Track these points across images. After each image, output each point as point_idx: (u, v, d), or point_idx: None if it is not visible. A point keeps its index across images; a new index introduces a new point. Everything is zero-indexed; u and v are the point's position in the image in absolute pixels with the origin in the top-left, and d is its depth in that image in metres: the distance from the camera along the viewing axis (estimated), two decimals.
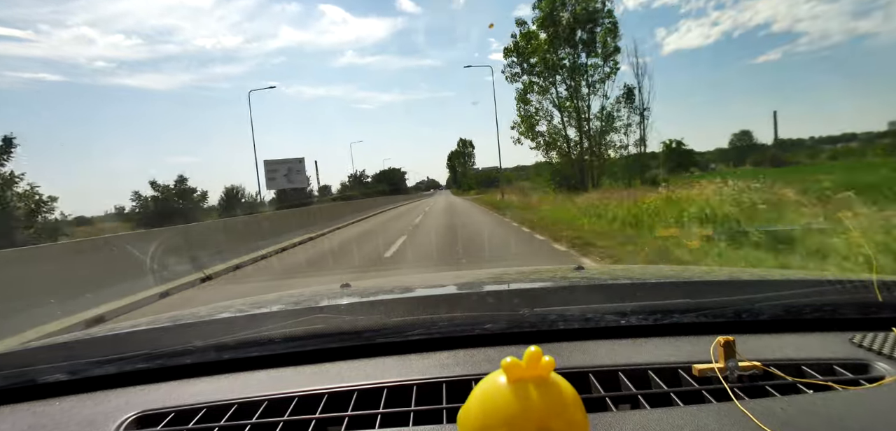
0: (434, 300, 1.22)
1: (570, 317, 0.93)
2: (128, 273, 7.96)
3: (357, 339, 0.91)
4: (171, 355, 0.90)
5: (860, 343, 0.83)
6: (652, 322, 0.92)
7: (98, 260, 8.02)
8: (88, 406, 0.79)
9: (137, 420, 0.74)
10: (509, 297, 1.23)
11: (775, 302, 0.95)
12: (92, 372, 0.87)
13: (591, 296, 1.18)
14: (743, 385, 0.72)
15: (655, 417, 0.64)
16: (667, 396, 0.71)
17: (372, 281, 4.22)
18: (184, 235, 11.32)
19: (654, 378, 0.75)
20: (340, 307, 1.17)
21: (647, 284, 1.30)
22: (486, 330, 0.91)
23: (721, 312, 0.93)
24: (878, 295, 0.92)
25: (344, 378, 0.81)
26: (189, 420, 0.73)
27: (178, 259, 9.15)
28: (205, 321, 1.12)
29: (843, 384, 0.70)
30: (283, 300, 1.35)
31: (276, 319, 1.08)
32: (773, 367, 0.74)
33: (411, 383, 0.77)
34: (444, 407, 0.71)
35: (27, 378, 0.87)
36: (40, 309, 6.10)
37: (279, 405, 0.75)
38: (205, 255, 9.82)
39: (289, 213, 20.63)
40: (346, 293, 1.41)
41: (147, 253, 8.56)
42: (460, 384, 0.77)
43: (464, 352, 0.87)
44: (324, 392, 0.76)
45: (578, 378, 0.76)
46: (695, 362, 0.75)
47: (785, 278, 1.31)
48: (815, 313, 0.93)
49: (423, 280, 2.37)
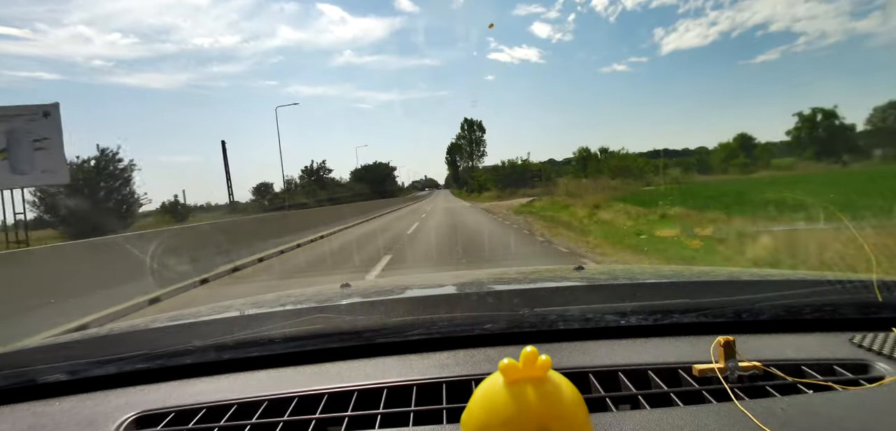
0: (434, 300, 1.22)
1: (570, 317, 0.93)
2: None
3: (357, 339, 0.91)
4: (170, 355, 0.90)
5: (860, 343, 0.83)
6: (652, 322, 0.92)
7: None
8: (88, 406, 0.79)
9: (137, 420, 0.74)
10: (509, 297, 1.23)
11: (775, 302, 0.95)
12: (92, 372, 0.87)
13: (591, 296, 1.18)
14: (743, 385, 0.72)
15: (655, 417, 0.64)
16: (667, 396, 0.71)
17: (372, 282, 4.22)
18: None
19: (654, 379, 0.75)
20: (340, 307, 1.17)
21: (646, 284, 1.30)
22: (486, 331, 0.91)
23: (721, 312, 0.93)
24: (878, 295, 0.92)
25: (344, 378, 0.81)
26: (189, 420, 0.73)
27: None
28: (205, 321, 1.12)
29: (843, 384, 0.70)
30: (282, 300, 1.35)
31: (276, 319, 1.08)
32: (773, 367, 0.74)
33: (411, 383, 0.77)
34: (444, 408, 0.71)
35: (27, 378, 0.87)
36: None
37: (279, 405, 0.75)
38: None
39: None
40: (346, 293, 1.41)
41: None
42: (460, 384, 0.77)
43: (464, 352, 0.87)
44: (324, 393, 0.76)
45: (578, 378, 0.76)
46: (695, 362, 0.75)
47: (785, 278, 1.31)
48: (815, 313, 0.93)
49: (423, 280, 2.37)
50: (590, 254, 8.78)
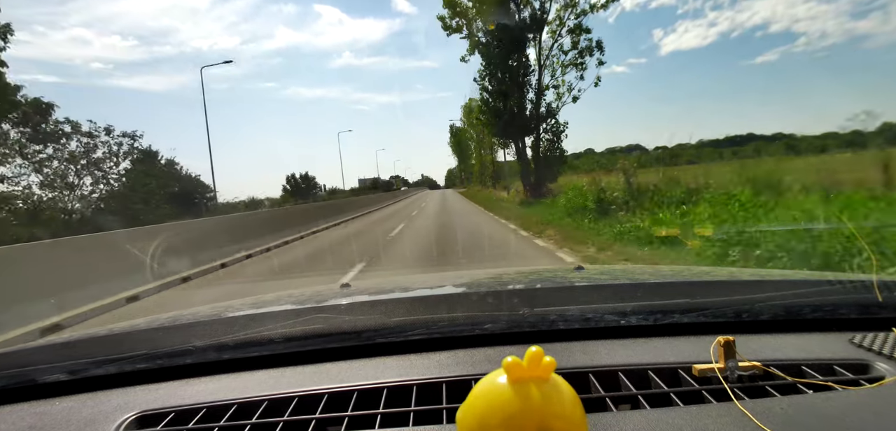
0: (434, 300, 1.22)
1: (570, 317, 0.93)
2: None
3: (357, 339, 0.91)
4: (171, 355, 0.90)
5: (860, 343, 0.83)
6: (652, 322, 0.92)
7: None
8: (88, 406, 0.79)
9: (137, 420, 0.74)
10: (509, 297, 1.23)
11: (775, 302, 0.95)
12: (92, 372, 0.87)
13: (591, 296, 1.18)
14: (743, 385, 0.72)
15: (655, 417, 0.64)
16: (667, 396, 0.71)
17: (372, 281, 4.22)
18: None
19: (654, 379, 0.75)
20: (340, 307, 1.17)
21: (646, 284, 1.30)
22: (486, 330, 0.91)
23: (721, 312, 0.93)
24: (878, 295, 0.92)
25: (344, 378, 0.81)
26: (189, 420, 0.73)
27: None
28: (205, 321, 1.12)
29: (843, 384, 0.70)
30: (282, 300, 1.35)
31: (276, 319, 1.08)
32: (773, 367, 0.74)
33: (411, 383, 0.77)
34: (444, 407, 0.71)
35: (27, 378, 0.87)
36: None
37: (279, 405, 0.74)
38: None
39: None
40: (346, 293, 1.41)
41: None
42: (460, 384, 0.76)
43: (464, 352, 0.87)
44: (324, 393, 0.76)
45: (578, 378, 0.76)
46: (695, 362, 0.75)
47: (785, 278, 1.31)
48: (815, 313, 0.93)
49: (423, 280, 2.37)
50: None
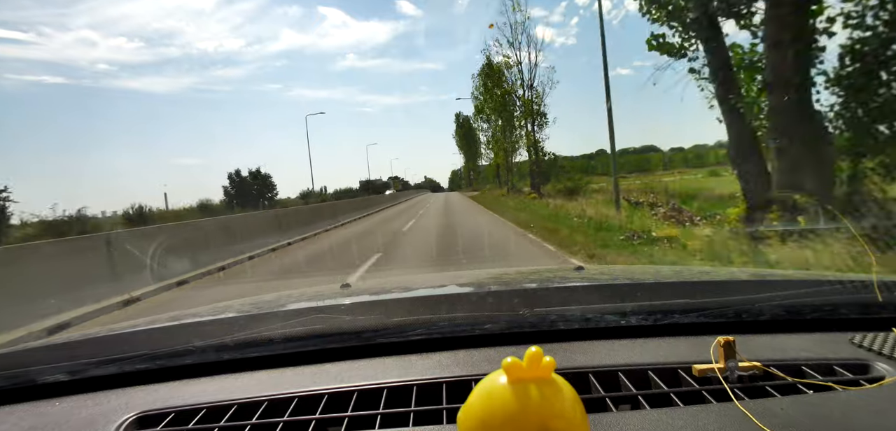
0: (434, 300, 1.22)
1: (570, 318, 0.93)
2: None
3: (357, 339, 0.91)
4: (171, 355, 0.90)
5: (860, 343, 0.83)
6: (652, 322, 0.92)
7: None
8: (88, 407, 0.79)
9: (138, 420, 0.74)
10: (509, 297, 1.23)
11: (775, 302, 0.95)
12: (92, 372, 0.87)
13: (591, 296, 1.18)
14: (743, 385, 0.72)
15: (655, 417, 0.64)
16: (667, 396, 0.71)
17: (372, 281, 4.22)
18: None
19: (654, 379, 0.75)
20: (340, 307, 1.17)
21: (646, 284, 1.30)
22: (486, 331, 0.91)
23: (721, 312, 0.93)
24: (878, 295, 0.92)
25: (344, 378, 0.81)
26: (189, 420, 0.73)
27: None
28: (205, 321, 1.12)
29: (843, 384, 0.70)
30: (282, 300, 1.35)
31: (276, 319, 1.08)
32: (773, 367, 0.74)
33: (411, 383, 0.77)
34: (444, 408, 0.71)
35: (27, 378, 0.87)
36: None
37: (279, 405, 0.74)
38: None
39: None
40: (346, 293, 1.41)
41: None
42: (460, 384, 0.76)
43: (464, 353, 0.87)
44: (324, 393, 0.76)
45: (578, 378, 0.76)
46: (695, 362, 0.75)
47: (785, 278, 1.31)
48: (815, 313, 0.93)
49: (423, 280, 2.37)
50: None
